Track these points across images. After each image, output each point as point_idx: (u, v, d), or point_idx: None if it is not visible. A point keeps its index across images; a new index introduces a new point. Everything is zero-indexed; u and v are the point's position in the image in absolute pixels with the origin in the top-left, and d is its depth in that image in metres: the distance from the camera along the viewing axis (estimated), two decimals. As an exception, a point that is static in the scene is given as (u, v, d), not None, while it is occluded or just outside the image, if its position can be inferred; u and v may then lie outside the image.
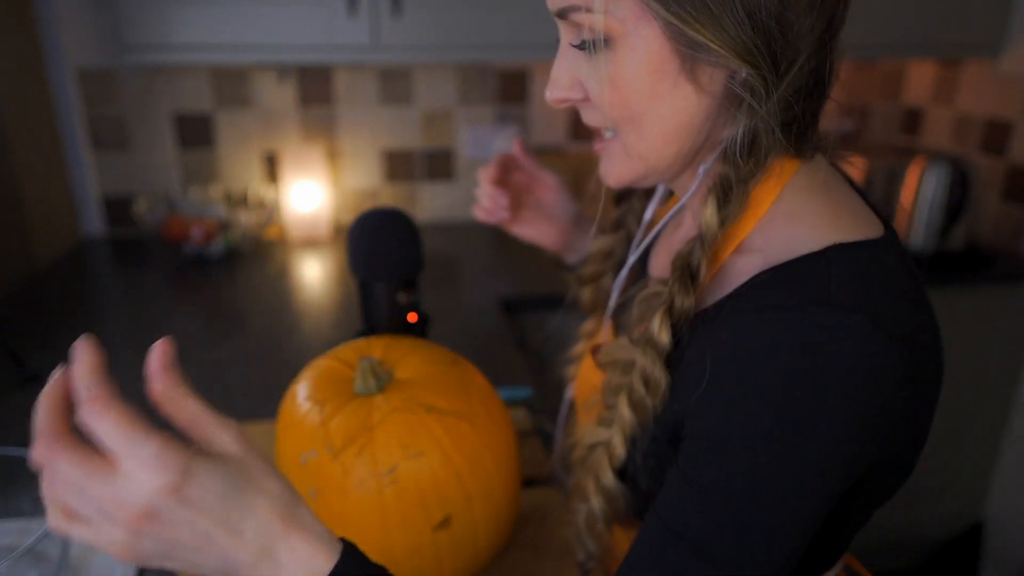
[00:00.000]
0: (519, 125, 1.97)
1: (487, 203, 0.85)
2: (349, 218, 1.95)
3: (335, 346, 0.75)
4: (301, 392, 0.67)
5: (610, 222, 0.76)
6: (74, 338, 0.40)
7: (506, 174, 0.86)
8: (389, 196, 2.01)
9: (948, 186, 1.76)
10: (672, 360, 0.54)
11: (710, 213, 0.52)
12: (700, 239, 0.53)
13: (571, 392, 0.74)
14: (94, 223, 1.88)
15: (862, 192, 0.59)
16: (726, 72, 0.50)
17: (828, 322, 0.46)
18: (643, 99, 0.51)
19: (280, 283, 1.59)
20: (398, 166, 1.98)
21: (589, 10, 0.49)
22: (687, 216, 0.64)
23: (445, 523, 0.62)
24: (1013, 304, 1.76)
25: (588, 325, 0.79)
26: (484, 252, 1.83)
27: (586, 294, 0.77)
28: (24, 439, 0.95)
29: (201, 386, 0.38)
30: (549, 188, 0.87)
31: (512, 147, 0.85)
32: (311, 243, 1.86)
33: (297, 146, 1.91)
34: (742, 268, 0.53)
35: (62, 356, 0.41)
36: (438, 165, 2.00)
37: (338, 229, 1.94)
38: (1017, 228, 1.84)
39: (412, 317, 0.86)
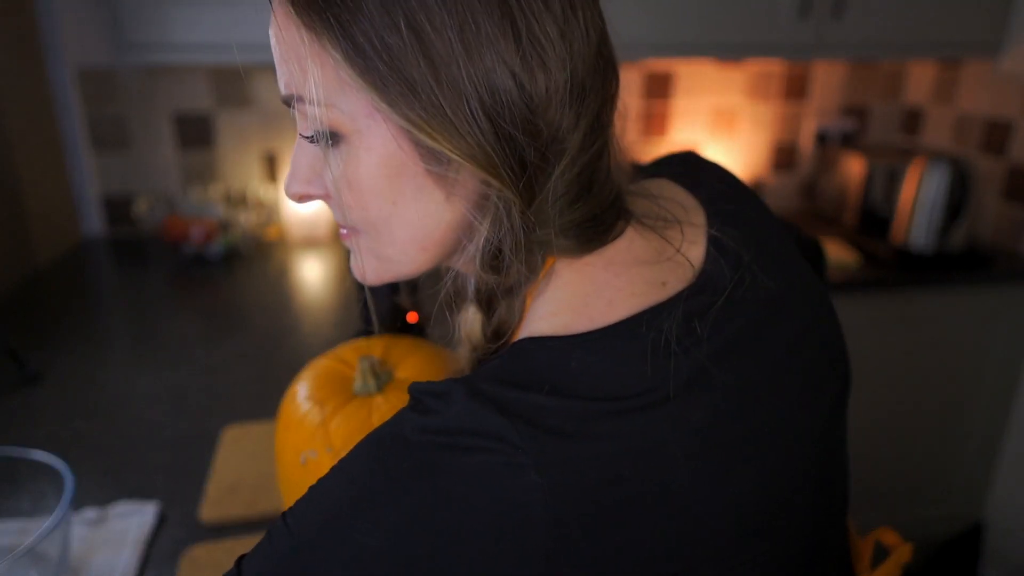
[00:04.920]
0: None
1: None
2: (349, 218, 1.94)
3: (335, 346, 0.75)
4: (301, 392, 0.67)
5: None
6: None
7: None
8: (389, 196, 2.00)
9: (948, 186, 1.76)
10: None
11: (476, 328, 0.51)
12: (472, 348, 0.52)
13: None
14: (94, 223, 1.88)
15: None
16: (478, 177, 0.43)
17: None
18: (384, 203, 0.45)
19: (280, 283, 1.59)
20: (398, 166, 1.98)
21: (312, 102, 0.42)
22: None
23: (445, 523, 0.62)
24: (1013, 304, 1.76)
25: None
26: (484, 252, 1.83)
27: None
28: (24, 439, 0.95)
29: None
30: None
31: None
32: (311, 243, 1.86)
33: (297, 146, 1.91)
34: None
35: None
36: (438, 165, 1.99)
37: (338, 229, 1.93)
38: (1017, 228, 1.84)
39: (412, 317, 0.86)
